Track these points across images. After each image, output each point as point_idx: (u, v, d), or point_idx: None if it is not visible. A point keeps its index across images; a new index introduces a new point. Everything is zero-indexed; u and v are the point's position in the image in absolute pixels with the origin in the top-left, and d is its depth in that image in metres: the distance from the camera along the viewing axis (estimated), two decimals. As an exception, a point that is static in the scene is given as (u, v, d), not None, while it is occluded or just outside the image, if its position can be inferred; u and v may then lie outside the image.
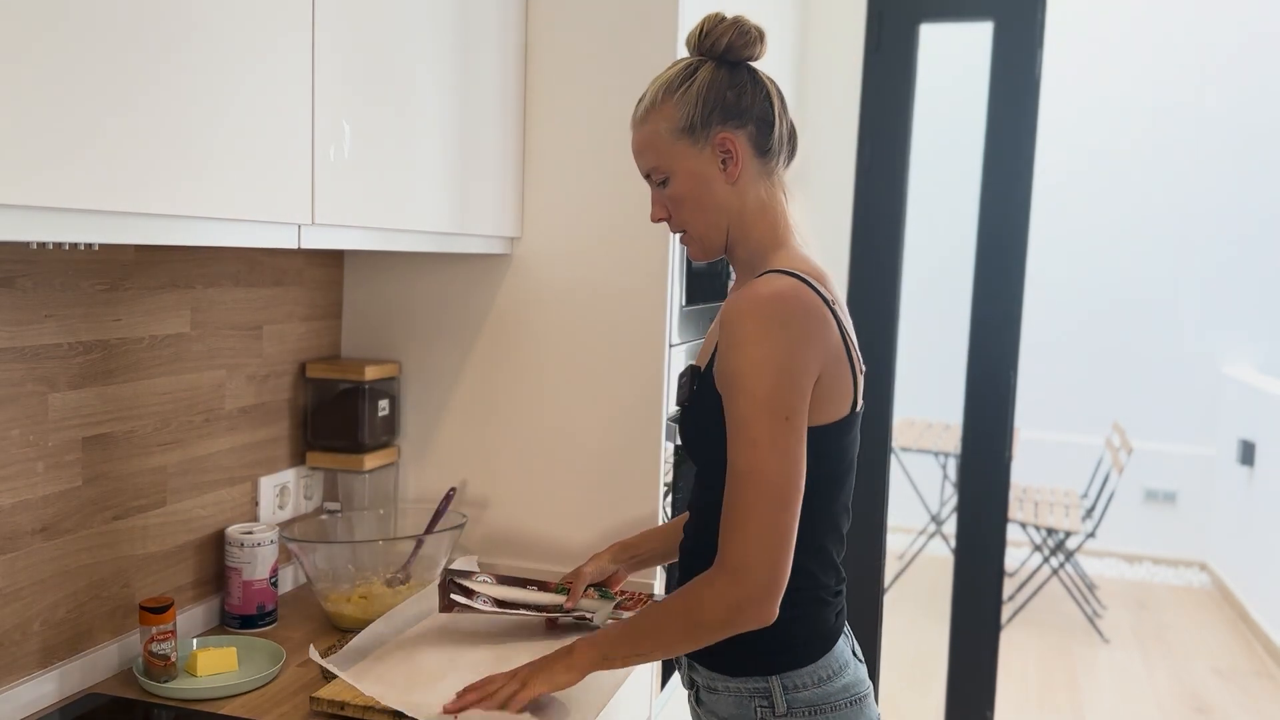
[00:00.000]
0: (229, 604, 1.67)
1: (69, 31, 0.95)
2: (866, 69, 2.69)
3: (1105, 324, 5.88)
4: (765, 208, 1.32)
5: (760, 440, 1.17)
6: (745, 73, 1.31)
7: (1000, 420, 2.69)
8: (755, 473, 1.17)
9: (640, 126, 1.33)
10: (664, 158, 1.30)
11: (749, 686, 1.29)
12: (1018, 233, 2.62)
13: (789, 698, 1.28)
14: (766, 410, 1.17)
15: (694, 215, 1.32)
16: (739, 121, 1.29)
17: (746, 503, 1.18)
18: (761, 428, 1.17)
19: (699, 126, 1.28)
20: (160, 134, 1.06)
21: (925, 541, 5.42)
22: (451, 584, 1.56)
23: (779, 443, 1.18)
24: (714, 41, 1.30)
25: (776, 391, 1.18)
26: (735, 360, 1.20)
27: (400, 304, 1.99)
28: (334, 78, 1.34)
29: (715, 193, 1.30)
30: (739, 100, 1.29)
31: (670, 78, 1.31)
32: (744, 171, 1.30)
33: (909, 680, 3.97)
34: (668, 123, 1.29)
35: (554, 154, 1.88)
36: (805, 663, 1.29)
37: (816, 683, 1.29)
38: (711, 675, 1.32)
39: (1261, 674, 4.30)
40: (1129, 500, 5.77)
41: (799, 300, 1.21)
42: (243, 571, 1.65)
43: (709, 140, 1.28)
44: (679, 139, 1.29)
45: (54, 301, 1.37)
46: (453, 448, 1.98)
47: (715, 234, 1.33)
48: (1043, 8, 2.56)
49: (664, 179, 1.32)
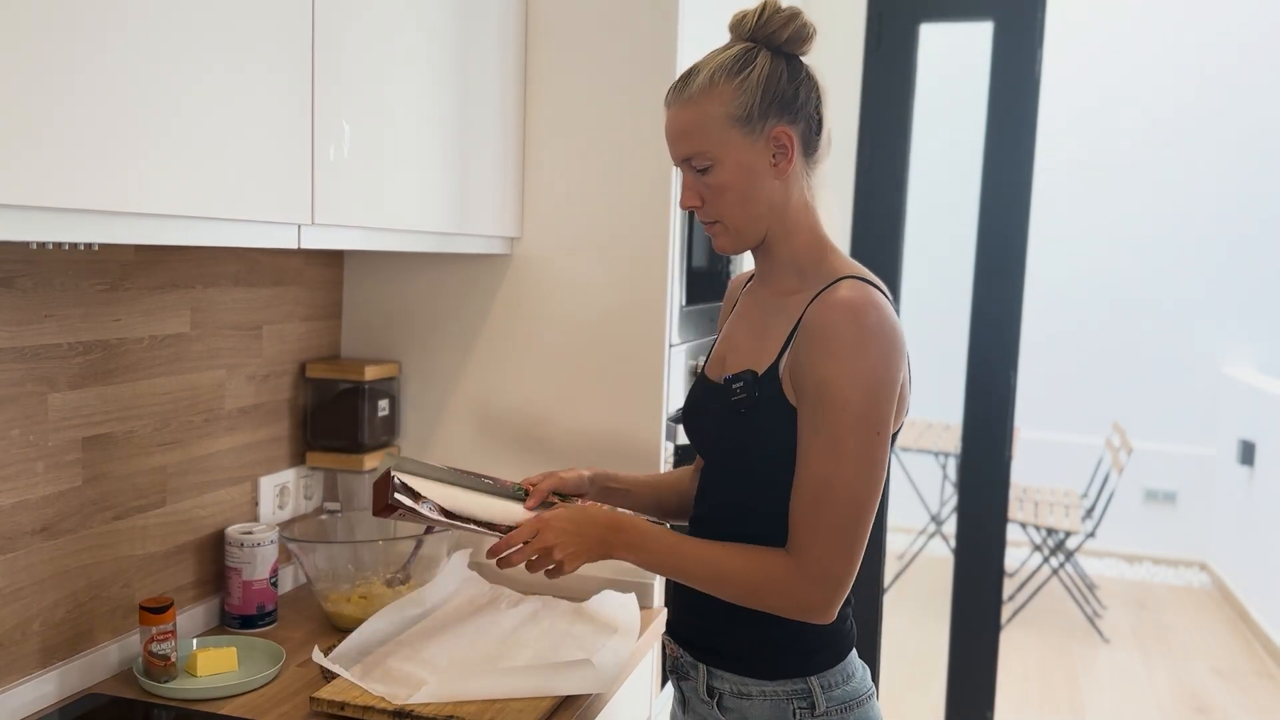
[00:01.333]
0: (229, 604, 1.67)
1: (70, 32, 0.95)
2: (866, 69, 2.69)
3: (1105, 324, 5.88)
4: (808, 207, 1.30)
5: (850, 455, 1.17)
6: (801, 67, 1.28)
7: (1000, 420, 2.69)
8: (845, 486, 1.17)
9: (687, 107, 1.25)
10: (712, 144, 1.24)
11: (786, 689, 1.27)
12: (1017, 232, 2.62)
13: (828, 695, 1.27)
14: (861, 424, 1.17)
15: (735, 208, 1.26)
16: (793, 117, 1.25)
17: (829, 513, 1.18)
18: (854, 442, 1.17)
19: (756, 117, 1.23)
20: (160, 134, 1.06)
21: (925, 541, 5.42)
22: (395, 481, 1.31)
23: (868, 457, 1.17)
24: (774, 31, 1.25)
25: (872, 406, 1.17)
26: (831, 369, 1.17)
27: (400, 304, 1.99)
28: (334, 78, 1.34)
29: (762, 187, 1.25)
30: (796, 95, 1.25)
31: (727, 61, 1.24)
32: (793, 168, 1.26)
33: (909, 680, 3.97)
34: (722, 108, 1.23)
35: (554, 154, 1.88)
36: (838, 660, 1.30)
37: (846, 679, 1.30)
38: (742, 680, 1.29)
39: (1261, 674, 4.30)
40: (1129, 500, 5.77)
41: (888, 314, 1.20)
42: (243, 571, 1.65)
43: (764, 133, 1.24)
44: (732, 127, 1.23)
45: (54, 301, 1.37)
46: (453, 448, 1.98)
47: (754, 228, 1.28)
48: (1043, 8, 2.56)
49: (706, 166, 1.25)
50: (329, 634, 1.65)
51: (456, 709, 1.34)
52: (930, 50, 2.84)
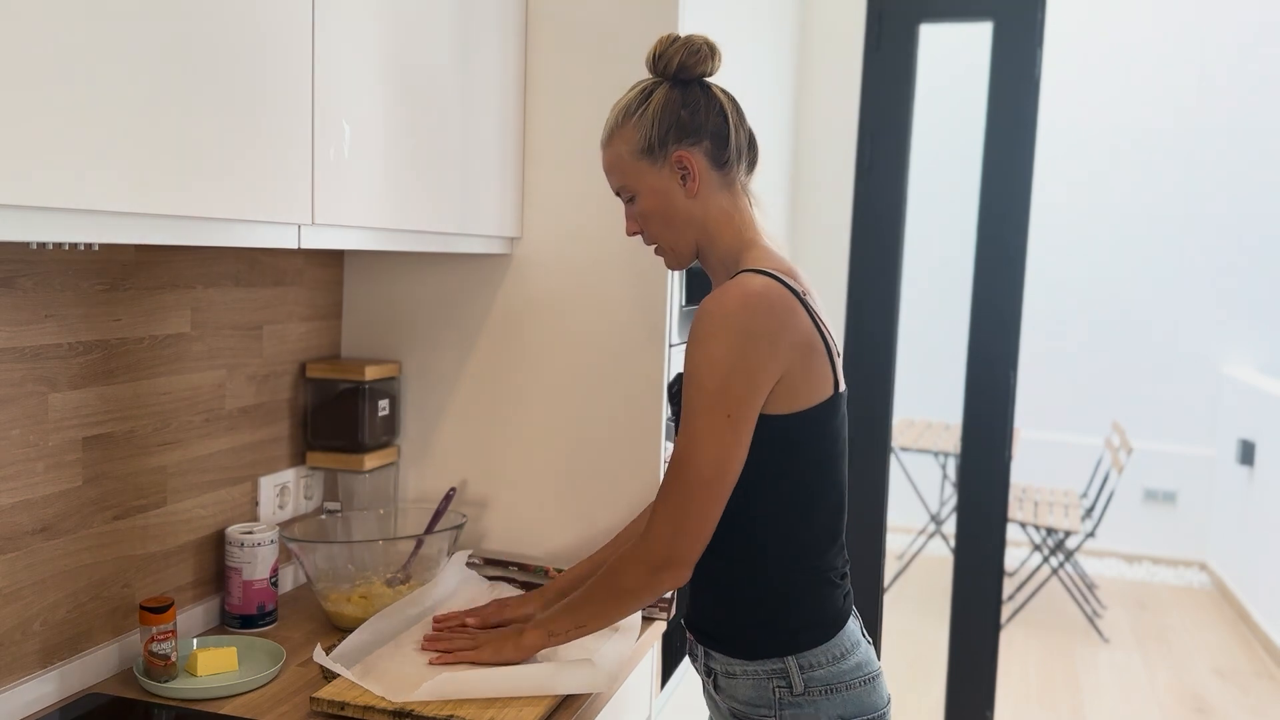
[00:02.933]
0: (229, 604, 1.67)
1: (70, 31, 0.95)
2: (866, 69, 2.69)
3: (1105, 323, 5.88)
4: (729, 215, 1.39)
5: (698, 431, 1.27)
6: (698, 90, 1.38)
7: (1000, 420, 2.69)
8: (686, 459, 1.27)
9: (606, 149, 1.41)
10: (628, 177, 1.38)
11: (766, 668, 1.34)
12: (1017, 232, 2.62)
13: (805, 676, 1.33)
14: (710, 405, 1.26)
15: (662, 230, 1.40)
16: (694, 139, 1.36)
17: (672, 483, 1.29)
18: (702, 420, 1.26)
19: (656, 147, 1.35)
20: (160, 134, 1.06)
21: (925, 541, 5.42)
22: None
23: (713, 436, 1.26)
24: (666, 63, 1.37)
25: (724, 389, 1.26)
26: (693, 356, 1.28)
27: (400, 304, 1.99)
28: (334, 78, 1.34)
29: (678, 207, 1.37)
30: (693, 118, 1.36)
31: (628, 102, 1.38)
32: (703, 185, 1.37)
33: (909, 680, 3.97)
34: (628, 145, 1.37)
35: (554, 154, 1.88)
36: (818, 642, 1.34)
37: (830, 661, 1.34)
38: (729, 660, 1.37)
39: (1261, 674, 4.30)
40: (1129, 500, 5.77)
41: (764, 298, 1.28)
42: (243, 571, 1.65)
43: (667, 159, 1.36)
44: (639, 159, 1.37)
45: (54, 301, 1.37)
46: (453, 448, 1.98)
47: (684, 245, 1.40)
48: (1043, 8, 2.56)
49: (631, 196, 1.40)
50: (329, 634, 1.65)
51: (456, 708, 1.34)
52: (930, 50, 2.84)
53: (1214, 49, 5.63)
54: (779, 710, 1.34)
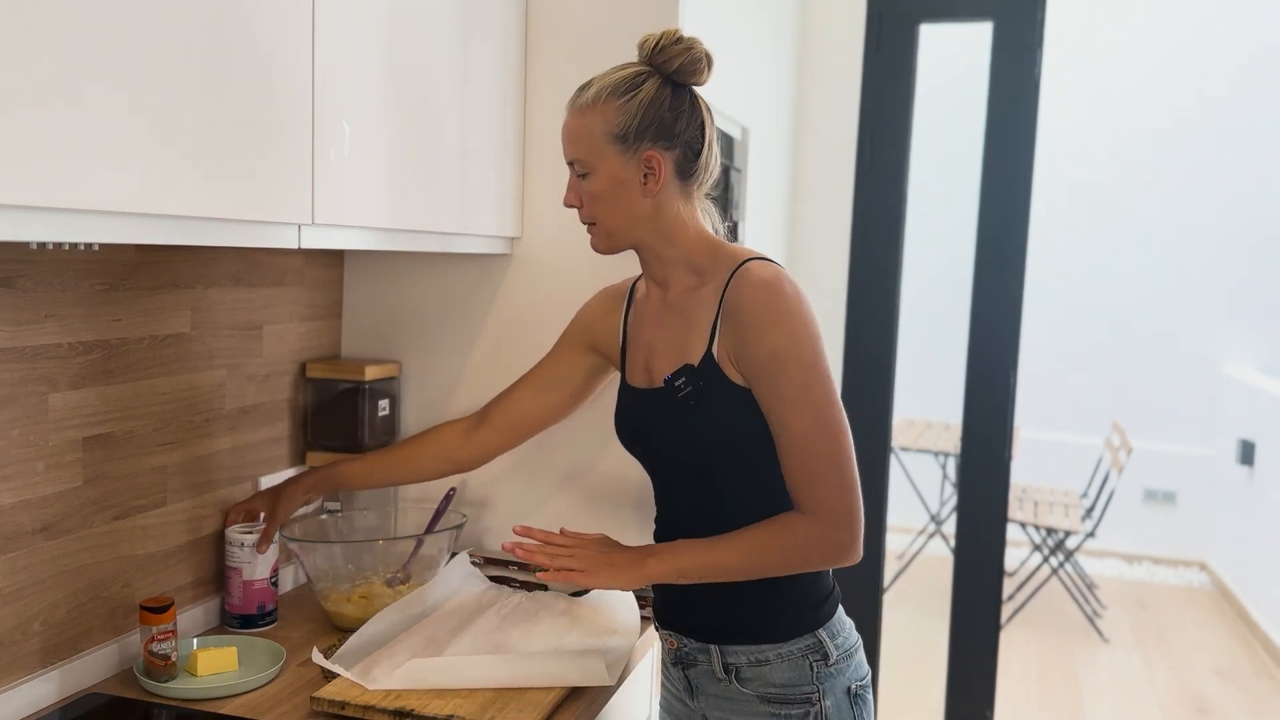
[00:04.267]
0: (229, 604, 1.67)
1: (70, 32, 0.95)
2: (866, 69, 2.69)
3: (1105, 324, 5.88)
4: (683, 223, 1.38)
5: (823, 400, 1.28)
6: (688, 97, 1.36)
7: (1000, 420, 2.69)
8: (829, 428, 1.28)
9: (577, 116, 1.36)
10: (591, 155, 1.35)
11: (800, 646, 1.36)
12: (1017, 232, 2.62)
13: (835, 643, 1.37)
14: (821, 375, 1.28)
15: (606, 214, 1.37)
16: (668, 143, 1.34)
17: (826, 460, 1.28)
18: (821, 389, 1.28)
19: (632, 138, 1.33)
20: (160, 134, 1.06)
21: (925, 541, 5.42)
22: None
23: (833, 400, 1.29)
24: (666, 59, 1.34)
25: (820, 356, 1.29)
26: (777, 338, 1.27)
27: (400, 304, 1.99)
28: (334, 78, 1.34)
29: (631, 200, 1.35)
30: (675, 123, 1.34)
31: (617, 81, 1.34)
32: (663, 189, 1.35)
33: (909, 680, 3.97)
34: (604, 124, 1.33)
35: (554, 154, 1.88)
36: (834, 611, 1.40)
37: (843, 629, 1.40)
38: (758, 649, 1.36)
39: (1261, 674, 4.30)
40: (1129, 500, 5.77)
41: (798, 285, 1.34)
42: (243, 571, 1.65)
43: (637, 154, 1.33)
44: (610, 143, 1.33)
45: (54, 301, 1.37)
46: (453, 448, 1.98)
47: (624, 235, 1.38)
48: (1043, 8, 2.56)
49: (585, 173, 1.36)
50: (329, 634, 1.65)
51: (457, 708, 1.34)
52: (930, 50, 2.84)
53: (1214, 49, 5.63)
54: (819, 683, 1.35)
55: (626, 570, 1.33)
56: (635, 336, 1.48)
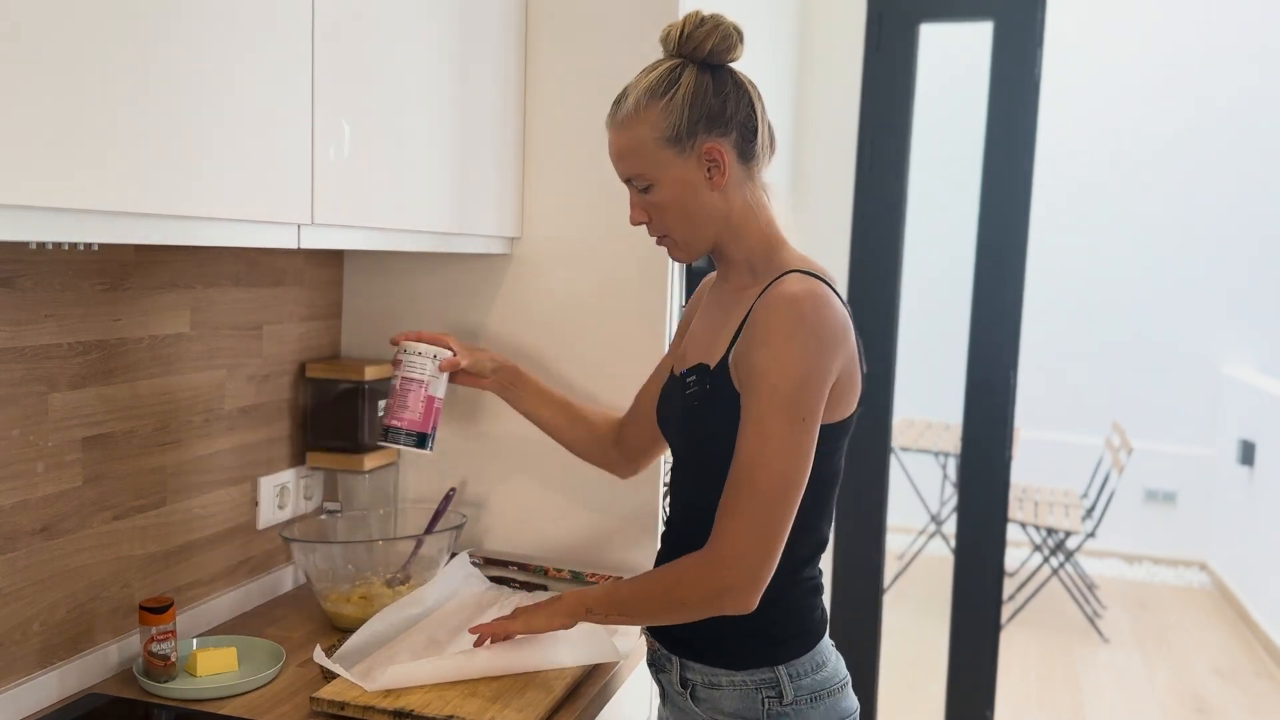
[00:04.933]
0: (401, 418, 1.52)
1: (69, 31, 0.95)
2: (866, 69, 2.69)
3: (1105, 324, 5.88)
4: (753, 210, 1.32)
5: (773, 437, 1.19)
6: (728, 77, 1.30)
7: (1000, 420, 2.69)
8: (762, 467, 1.19)
9: (621, 131, 1.30)
10: (648, 165, 1.28)
11: (755, 679, 1.30)
12: (1018, 232, 2.62)
13: (796, 685, 1.30)
14: (786, 409, 1.19)
15: (678, 223, 1.31)
16: (723, 129, 1.28)
17: (747, 495, 1.20)
18: (777, 424, 1.19)
19: (685, 136, 1.26)
20: (160, 134, 1.06)
21: (925, 541, 5.42)
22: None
23: (790, 442, 1.20)
24: (696, 45, 1.27)
25: (799, 392, 1.20)
26: (764, 357, 1.21)
27: (400, 304, 1.99)
28: (334, 77, 1.34)
29: (702, 200, 1.29)
30: (724, 108, 1.27)
31: (653, 83, 1.27)
32: (729, 178, 1.29)
33: (909, 680, 3.97)
34: (652, 131, 1.27)
35: (554, 154, 1.88)
36: (807, 649, 1.32)
37: (815, 668, 1.32)
38: (712, 671, 1.32)
39: (1261, 674, 4.30)
40: (1129, 500, 5.77)
41: (829, 304, 1.24)
42: (428, 385, 1.52)
43: (694, 149, 1.27)
44: (664, 148, 1.27)
45: (54, 301, 1.37)
46: (453, 448, 1.98)
47: (701, 239, 1.33)
48: (1043, 8, 2.56)
49: (647, 186, 1.30)
50: (329, 634, 1.65)
51: (457, 708, 1.34)
52: (930, 50, 2.84)
53: (1215, 49, 5.63)
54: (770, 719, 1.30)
55: (546, 608, 1.37)
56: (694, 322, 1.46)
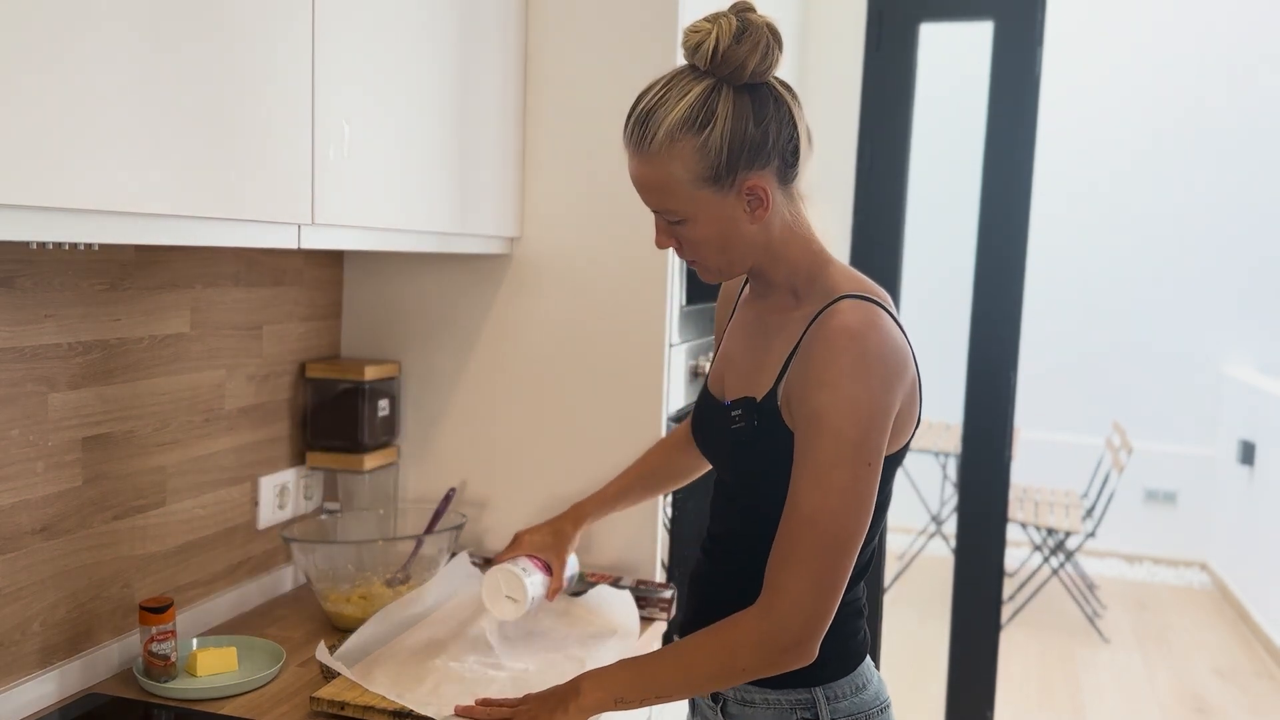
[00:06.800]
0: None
1: (69, 31, 0.95)
2: (866, 69, 2.69)
3: (1105, 324, 5.87)
4: (792, 231, 1.23)
5: (837, 486, 1.12)
6: (768, 96, 1.17)
7: (1000, 420, 2.69)
8: (825, 518, 1.12)
9: (649, 162, 1.16)
10: (681, 203, 1.17)
11: (790, 698, 1.25)
12: (1018, 232, 2.62)
13: (832, 708, 1.25)
14: (851, 457, 1.12)
15: (714, 255, 1.22)
16: (765, 161, 1.16)
17: (807, 548, 1.12)
18: (843, 473, 1.12)
19: (724, 175, 1.15)
20: (160, 134, 1.06)
21: (925, 541, 5.42)
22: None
23: (856, 489, 1.12)
24: (734, 70, 1.13)
25: (866, 437, 1.12)
26: (824, 399, 1.12)
27: (400, 304, 1.99)
28: (334, 78, 1.34)
29: (741, 233, 1.20)
30: (764, 137, 1.15)
31: (686, 115, 1.13)
32: (771, 209, 1.20)
33: (909, 680, 3.97)
34: (687, 171, 1.15)
35: (554, 154, 1.88)
36: (847, 672, 1.27)
37: (854, 691, 1.27)
38: (747, 688, 1.27)
39: (1261, 674, 4.30)
40: (1129, 500, 5.77)
41: (890, 336, 1.16)
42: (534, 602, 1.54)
43: (735, 186, 1.16)
44: (701, 188, 1.15)
45: (54, 301, 1.37)
46: (453, 448, 1.98)
47: (736, 267, 1.24)
48: (1043, 8, 2.56)
49: (679, 220, 1.20)
50: (329, 634, 1.65)
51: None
52: (930, 50, 2.84)
53: (1215, 50, 5.63)
54: None
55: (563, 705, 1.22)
56: (727, 338, 1.37)
